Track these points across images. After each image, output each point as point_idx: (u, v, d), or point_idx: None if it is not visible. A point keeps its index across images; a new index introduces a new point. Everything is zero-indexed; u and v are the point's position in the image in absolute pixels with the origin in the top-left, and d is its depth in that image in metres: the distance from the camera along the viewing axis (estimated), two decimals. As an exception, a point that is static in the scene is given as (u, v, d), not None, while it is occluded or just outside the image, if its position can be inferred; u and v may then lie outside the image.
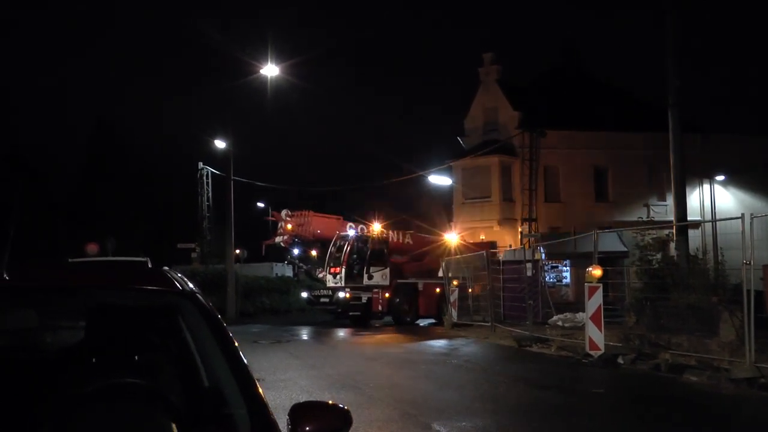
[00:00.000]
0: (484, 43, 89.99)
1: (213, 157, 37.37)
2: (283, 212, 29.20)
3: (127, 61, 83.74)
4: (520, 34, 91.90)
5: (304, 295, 28.76)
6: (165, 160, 50.39)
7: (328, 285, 26.88)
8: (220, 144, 33.89)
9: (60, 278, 3.36)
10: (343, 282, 26.21)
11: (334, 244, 27.48)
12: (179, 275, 3.38)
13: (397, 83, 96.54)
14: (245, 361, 2.91)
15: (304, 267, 30.50)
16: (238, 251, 32.14)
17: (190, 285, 3.26)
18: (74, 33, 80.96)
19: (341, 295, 26.04)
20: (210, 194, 38.87)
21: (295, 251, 29.58)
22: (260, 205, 46.02)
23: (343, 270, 26.35)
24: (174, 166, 48.55)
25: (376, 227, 27.62)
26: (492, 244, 29.92)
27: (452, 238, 29.40)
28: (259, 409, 2.69)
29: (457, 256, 28.84)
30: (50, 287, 3.16)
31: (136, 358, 3.22)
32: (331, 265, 27.08)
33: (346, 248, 26.78)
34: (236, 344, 2.98)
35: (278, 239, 29.17)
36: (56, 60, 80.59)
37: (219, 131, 34.05)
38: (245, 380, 2.78)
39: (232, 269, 29.79)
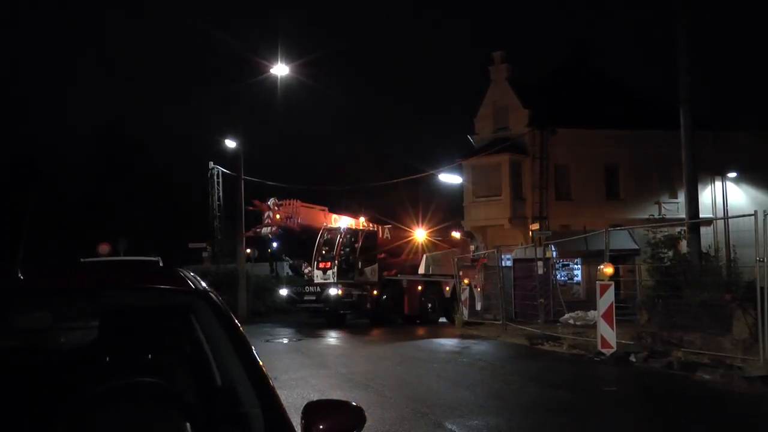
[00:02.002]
0: (494, 41, 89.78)
1: (224, 157, 37.44)
2: (271, 201, 27.18)
3: (137, 60, 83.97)
4: (531, 33, 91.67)
5: (284, 292, 27.04)
6: (175, 159, 50.52)
7: (316, 281, 25.29)
8: (230, 143, 33.94)
9: (73, 279, 3.37)
10: (335, 278, 24.75)
11: (322, 237, 26.02)
12: (192, 274, 3.38)
13: (407, 82, 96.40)
14: (259, 359, 2.91)
15: (291, 261, 28.86)
16: (249, 250, 32.05)
17: (203, 284, 3.26)
18: (82, 33, 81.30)
19: (333, 292, 24.34)
20: (221, 194, 38.93)
21: (274, 244, 27.67)
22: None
23: (336, 264, 24.90)
24: (184, 165, 48.68)
25: (361, 220, 26.36)
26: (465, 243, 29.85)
27: (421, 234, 28.81)
28: (273, 407, 2.69)
29: (439, 252, 28.33)
30: (64, 288, 3.17)
31: (150, 357, 3.23)
32: (320, 259, 25.53)
33: (339, 241, 25.35)
34: (250, 343, 2.97)
35: (265, 230, 27.10)
36: (65, 60, 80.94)
37: (229, 131, 34.12)
38: (259, 379, 2.78)
39: (243, 268, 29.77)
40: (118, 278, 3.46)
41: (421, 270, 27.57)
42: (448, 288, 27.28)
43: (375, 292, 25.30)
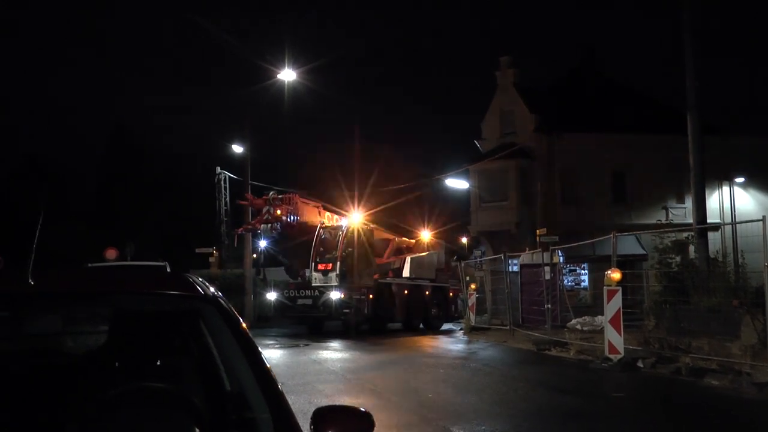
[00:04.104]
0: (501, 46, 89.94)
1: (230, 162, 37.55)
2: (271, 194, 25.17)
3: (143, 65, 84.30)
4: (538, 38, 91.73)
5: (273, 296, 25.19)
6: (183, 164, 50.64)
7: (314, 284, 23.61)
8: (237, 149, 34.01)
9: (82, 283, 3.38)
10: (338, 280, 23.26)
11: (319, 236, 24.42)
12: (200, 280, 3.39)
13: (413, 87, 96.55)
14: (268, 365, 2.91)
15: (287, 263, 27.42)
16: (255, 255, 32.04)
17: (212, 289, 3.27)
18: (89, 36, 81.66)
19: (335, 296, 22.86)
20: (227, 199, 39.00)
21: (263, 243, 26.09)
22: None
23: (338, 266, 23.39)
24: (192, 170, 48.80)
25: (356, 218, 24.94)
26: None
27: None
28: (282, 413, 2.69)
29: (422, 255, 28.07)
30: (75, 292, 3.17)
31: (159, 362, 3.24)
32: (318, 260, 23.88)
33: (341, 241, 23.84)
34: (259, 348, 2.98)
35: (263, 226, 25.14)
36: (72, 65, 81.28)
37: (236, 136, 34.21)
38: (268, 384, 2.78)
39: (250, 273, 29.78)
40: (128, 283, 3.47)
41: (406, 273, 26.53)
42: (428, 292, 26.74)
43: (371, 296, 23.83)
